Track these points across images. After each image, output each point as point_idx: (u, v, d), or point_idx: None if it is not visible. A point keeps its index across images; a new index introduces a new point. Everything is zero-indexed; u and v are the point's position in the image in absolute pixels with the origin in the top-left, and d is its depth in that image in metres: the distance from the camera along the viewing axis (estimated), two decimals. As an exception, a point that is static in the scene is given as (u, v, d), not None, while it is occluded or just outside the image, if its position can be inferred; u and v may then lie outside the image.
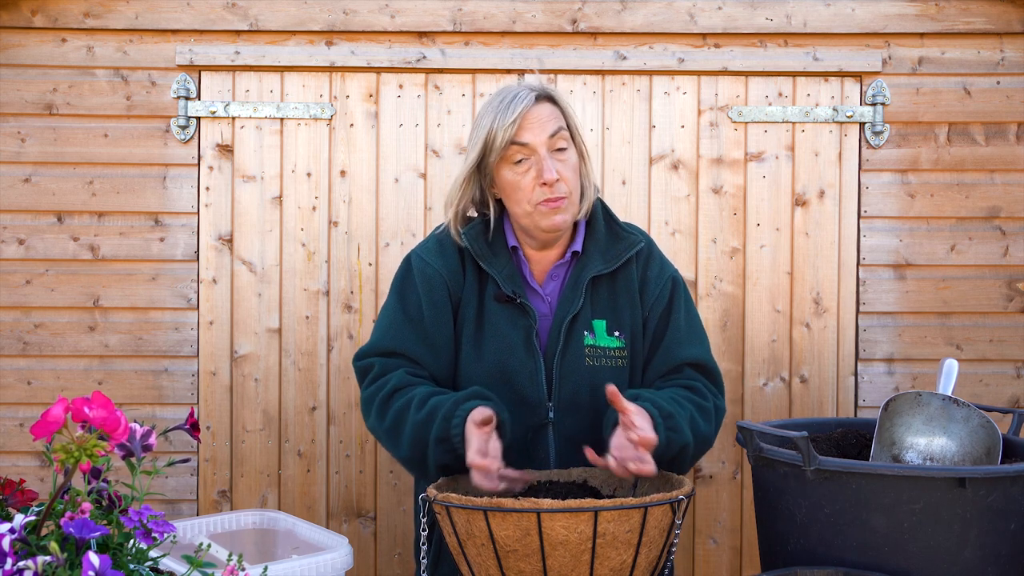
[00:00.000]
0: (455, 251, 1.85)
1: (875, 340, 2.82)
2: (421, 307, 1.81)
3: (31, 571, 0.99)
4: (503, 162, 1.77)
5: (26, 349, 2.79)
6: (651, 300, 1.85)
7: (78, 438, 1.04)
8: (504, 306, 1.80)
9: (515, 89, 1.78)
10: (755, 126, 2.82)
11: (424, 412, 1.67)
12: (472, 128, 1.82)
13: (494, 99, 1.79)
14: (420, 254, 1.87)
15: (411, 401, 1.70)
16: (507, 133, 1.73)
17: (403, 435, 1.70)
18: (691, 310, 1.89)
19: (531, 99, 1.75)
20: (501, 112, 1.74)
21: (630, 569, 1.48)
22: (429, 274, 1.83)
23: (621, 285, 1.84)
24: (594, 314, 1.82)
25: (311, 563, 1.67)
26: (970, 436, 1.79)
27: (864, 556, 1.52)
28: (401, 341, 1.80)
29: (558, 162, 1.76)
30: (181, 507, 2.80)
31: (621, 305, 1.83)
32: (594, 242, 1.85)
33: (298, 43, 2.80)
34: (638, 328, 1.84)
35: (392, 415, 1.72)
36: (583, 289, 1.80)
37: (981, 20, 2.80)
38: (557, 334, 1.79)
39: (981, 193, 2.83)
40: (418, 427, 1.67)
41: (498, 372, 1.78)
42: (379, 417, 1.75)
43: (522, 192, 1.76)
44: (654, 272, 1.87)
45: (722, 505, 2.84)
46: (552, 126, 1.76)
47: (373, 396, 1.77)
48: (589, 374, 1.79)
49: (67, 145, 2.80)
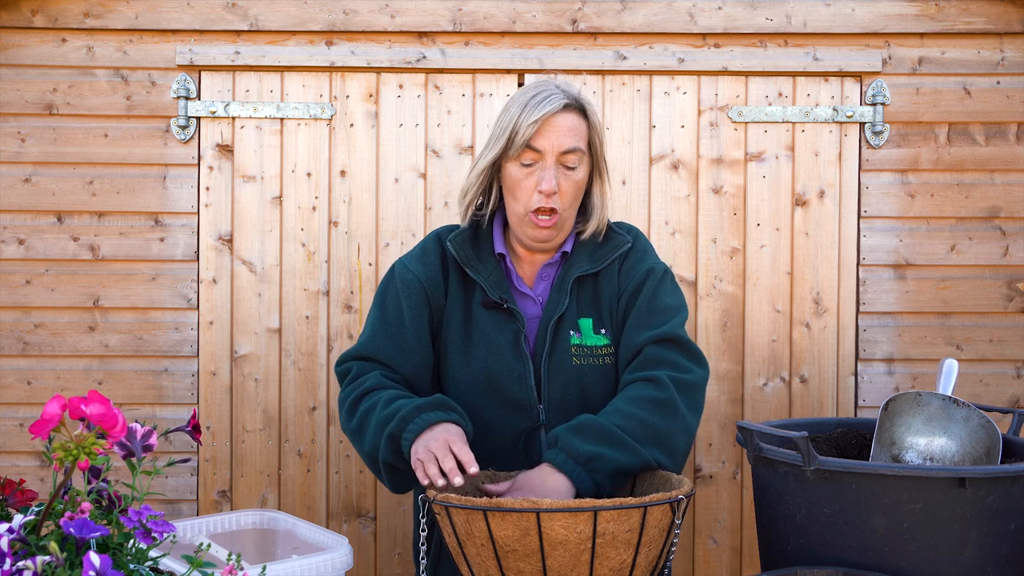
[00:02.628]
0: (438, 258, 1.86)
1: (875, 340, 2.82)
2: (401, 312, 1.82)
3: (30, 571, 0.98)
4: (514, 158, 1.77)
5: (26, 349, 2.79)
6: (622, 292, 1.83)
7: (77, 436, 1.04)
8: (492, 312, 1.81)
9: (548, 89, 1.76)
10: (755, 126, 2.82)
11: (387, 411, 1.68)
12: (500, 114, 1.80)
13: (527, 91, 1.77)
14: (403, 261, 1.89)
15: (378, 402, 1.71)
16: (527, 133, 1.73)
17: (366, 433, 1.71)
18: (659, 296, 1.81)
19: (559, 105, 1.74)
20: (528, 109, 1.73)
21: (630, 569, 1.48)
22: (408, 280, 1.84)
23: (604, 282, 1.84)
24: (580, 313, 1.82)
25: (311, 563, 1.67)
26: (970, 436, 1.79)
27: (864, 556, 1.52)
28: (376, 347, 1.81)
29: (563, 176, 1.75)
30: (181, 507, 2.80)
31: (604, 303, 1.83)
32: (583, 243, 1.85)
33: (298, 43, 2.80)
34: (618, 323, 1.84)
35: (360, 414, 1.74)
36: (568, 289, 1.80)
37: (981, 20, 2.80)
38: (544, 335, 1.79)
39: (981, 193, 2.83)
40: (378, 425, 1.68)
41: (486, 377, 1.79)
42: (348, 416, 1.77)
43: (521, 192, 1.77)
44: (630, 265, 1.85)
45: (722, 505, 2.84)
46: (569, 142, 1.74)
47: (347, 397, 1.79)
48: (577, 373, 1.79)
49: (67, 145, 2.80)
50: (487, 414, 1.78)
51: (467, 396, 1.80)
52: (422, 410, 1.64)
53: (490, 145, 1.80)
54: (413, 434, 1.61)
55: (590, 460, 1.60)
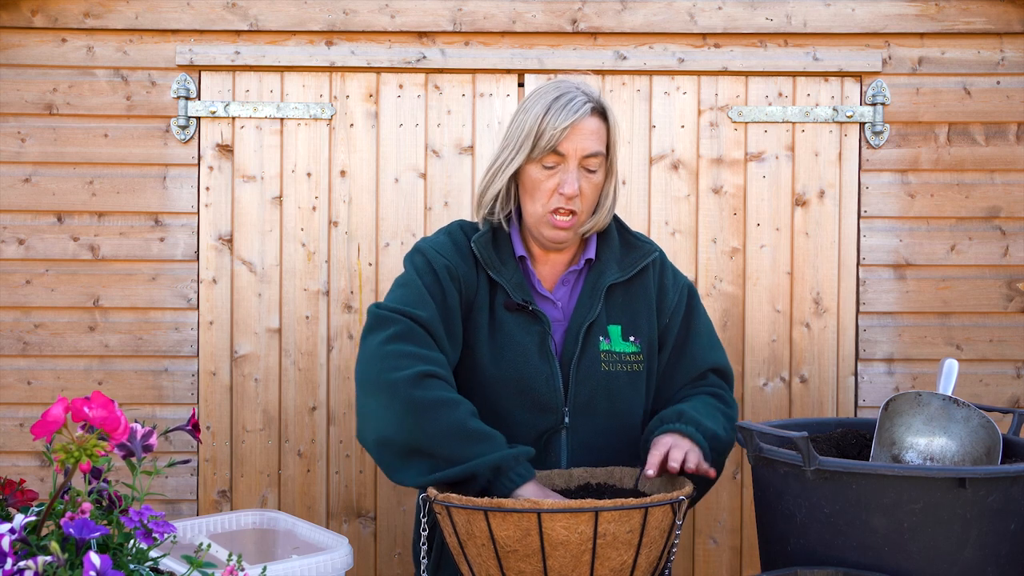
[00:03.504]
0: (470, 253, 1.83)
1: (875, 340, 2.82)
2: (442, 292, 1.76)
3: (31, 571, 0.99)
4: (535, 160, 1.76)
5: (26, 349, 2.79)
6: (670, 308, 1.89)
7: (78, 438, 1.04)
8: (515, 314, 1.80)
9: (573, 92, 1.76)
10: (755, 126, 2.82)
11: (478, 426, 1.61)
12: (517, 115, 1.78)
13: (548, 93, 1.76)
14: (435, 248, 1.82)
15: (460, 403, 1.63)
16: (555, 136, 1.72)
17: (439, 422, 1.60)
18: (707, 317, 1.96)
19: (587, 110, 1.74)
20: (554, 113, 1.72)
21: (630, 569, 1.48)
22: (446, 266, 1.78)
23: (637, 292, 1.86)
24: (609, 320, 1.83)
25: (311, 563, 1.67)
26: (970, 436, 1.79)
27: (864, 556, 1.52)
28: (428, 314, 1.71)
29: (583, 178, 1.76)
30: (181, 507, 2.80)
31: (638, 311, 1.85)
32: (608, 250, 1.86)
33: (298, 43, 2.80)
34: (654, 335, 1.87)
35: (433, 397, 1.61)
36: (600, 296, 1.82)
37: (981, 20, 2.80)
38: (574, 340, 1.80)
39: (981, 193, 2.83)
40: (466, 434, 1.60)
41: (515, 379, 1.78)
42: (412, 385, 1.61)
43: (541, 193, 1.76)
44: (670, 281, 1.91)
45: (722, 505, 2.84)
46: (593, 146, 1.75)
47: (406, 359, 1.64)
48: (605, 379, 1.80)
49: (67, 145, 2.80)
50: (513, 415, 1.77)
51: (494, 396, 1.78)
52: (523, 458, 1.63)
53: (513, 147, 1.77)
54: (521, 479, 1.60)
55: (712, 438, 1.72)
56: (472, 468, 1.57)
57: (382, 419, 1.63)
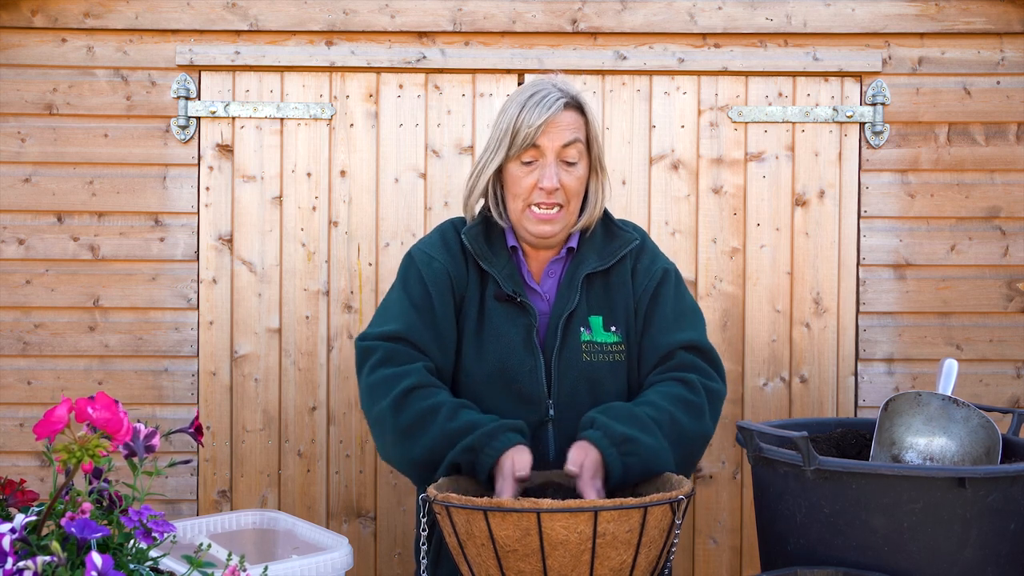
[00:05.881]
0: (459, 249, 1.86)
1: (875, 340, 2.82)
2: (429, 299, 1.81)
3: (31, 571, 0.99)
4: (514, 158, 1.78)
5: (26, 349, 2.79)
6: (639, 292, 1.86)
7: (80, 438, 1.04)
8: (504, 305, 1.81)
9: (547, 89, 1.78)
10: (755, 126, 2.82)
11: (458, 423, 1.66)
12: (498, 117, 1.82)
13: (523, 93, 1.79)
14: (424, 250, 1.87)
15: (439, 407, 1.69)
16: (529, 134, 1.74)
17: (424, 437, 1.68)
18: (682, 298, 1.88)
19: (560, 106, 1.76)
20: (529, 111, 1.75)
21: (630, 569, 1.48)
22: (435, 268, 1.83)
23: (616, 281, 1.86)
24: (590, 310, 1.83)
25: (311, 563, 1.67)
26: (970, 436, 1.79)
27: (864, 556, 1.52)
28: (411, 330, 1.78)
29: (564, 171, 1.77)
30: (181, 507, 2.80)
31: (616, 300, 1.85)
32: (590, 240, 1.87)
33: (298, 43, 2.80)
34: (632, 322, 1.85)
35: (414, 414, 1.69)
36: (578, 286, 1.82)
37: (981, 20, 2.80)
38: (555, 331, 1.80)
39: (981, 193, 2.83)
40: (449, 435, 1.66)
41: (499, 371, 1.79)
42: (394, 410, 1.71)
43: (520, 189, 1.79)
44: (644, 264, 1.88)
45: (722, 505, 2.84)
46: (568, 136, 1.77)
47: (384, 385, 1.73)
48: (587, 370, 1.80)
49: (67, 145, 2.80)
50: (498, 407, 1.78)
51: (479, 389, 1.80)
52: (504, 430, 1.66)
53: (492, 149, 1.81)
54: (497, 452, 1.63)
55: (625, 442, 1.63)
56: (450, 460, 1.65)
57: (384, 447, 1.76)
